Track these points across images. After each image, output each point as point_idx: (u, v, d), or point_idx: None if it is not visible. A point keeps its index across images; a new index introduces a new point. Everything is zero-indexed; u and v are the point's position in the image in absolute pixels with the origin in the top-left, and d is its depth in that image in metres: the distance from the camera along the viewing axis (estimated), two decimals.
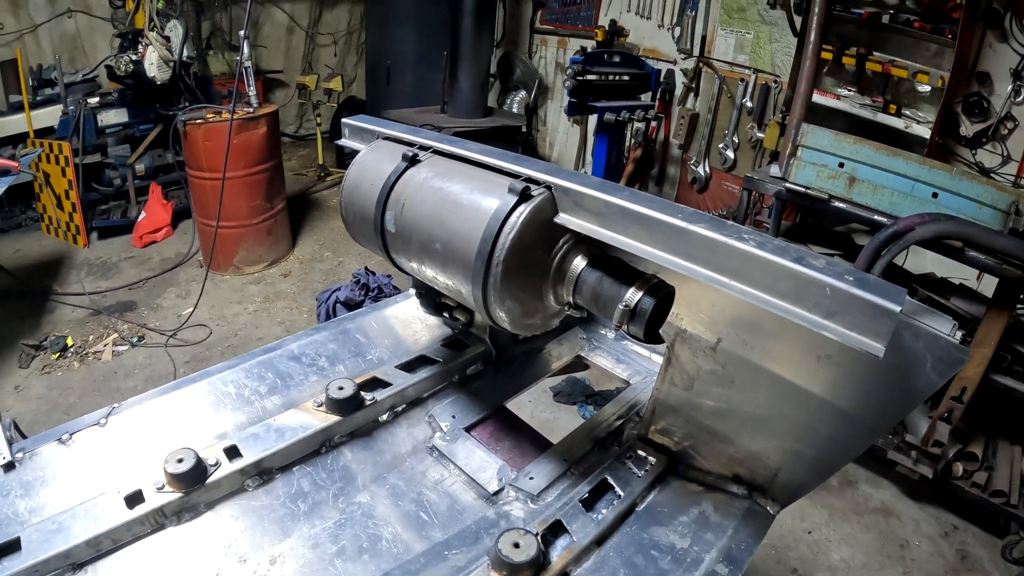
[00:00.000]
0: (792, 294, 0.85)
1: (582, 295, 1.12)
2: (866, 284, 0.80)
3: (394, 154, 1.43)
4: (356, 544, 1.24)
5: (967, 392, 3.08)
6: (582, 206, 1.08)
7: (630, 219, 1.01)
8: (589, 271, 1.11)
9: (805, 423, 1.15)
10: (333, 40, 8.50)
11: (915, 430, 3.37)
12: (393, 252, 1.38)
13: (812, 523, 3.39)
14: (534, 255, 1.12)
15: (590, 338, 1.95)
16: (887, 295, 0.78)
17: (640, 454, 1.40)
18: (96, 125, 5.63)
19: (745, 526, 1.27)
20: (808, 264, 0.84)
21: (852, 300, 0.80)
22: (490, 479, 1.39)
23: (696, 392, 1.27)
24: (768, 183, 3.33)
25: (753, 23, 4.97)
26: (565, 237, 1.15)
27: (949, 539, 3.33)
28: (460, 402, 1.62)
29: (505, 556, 1.07)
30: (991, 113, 3.63)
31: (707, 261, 0.94)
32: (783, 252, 0.86)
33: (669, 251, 0.97)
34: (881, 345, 0.78)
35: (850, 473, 3.73)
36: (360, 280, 4.27)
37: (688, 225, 0.94)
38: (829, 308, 0.82)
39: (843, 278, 0.80)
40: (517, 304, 1.14)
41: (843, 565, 3.17)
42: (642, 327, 1.00)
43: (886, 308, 0.77)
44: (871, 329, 0.79)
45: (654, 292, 1.02)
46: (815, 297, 0.83)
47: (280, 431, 1.37)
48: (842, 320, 0.82)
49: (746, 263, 0.89)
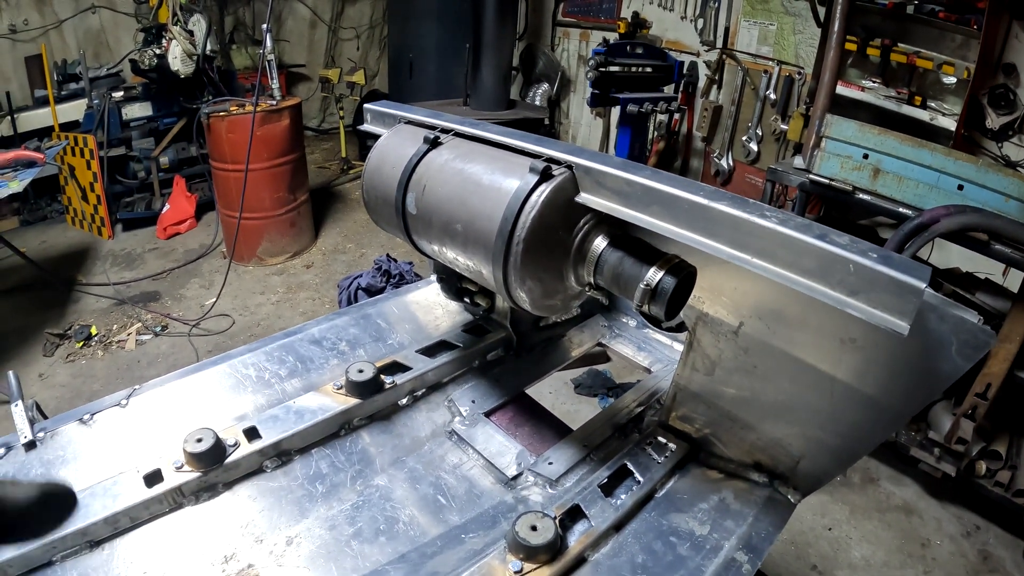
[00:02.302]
0: (815, 271, 0.84)
1: (603, 275, 1.12)
2: (890, 261, 0.78)
3: (415, 137, 1.43)
4: (373, 526, 1.24)
5: (992, 389, 3.02)
6: (603, 185, 1.07)
7: (652, 198, 1.00)
8: (610, 251, 1.10)
9: (828, 409, 1.14)
10: (356, 34, 8.53)
11: (938, 427, 3.32)
12: (414, 234, 1.38)
13: (833, 520, 3.35)
14: (555, 235, 1.11)
15: (611, 326, 1.94)
16: (912, 272, 0.76)
17: (660, 440, 1.39)
18: (121, 119, 5.71)
19: (766, 514, 1.25)
20: (832, 241, 0.82)
21: (876, 277, 0.78)
22: (509, 464, 1.39)
23: (718, 378, 1.26)
24: (792, 175, 3.29)
25: (777, 14, 4.91)
26: (586, 217, 1.14)
27: (971, 539, 3.28)
28: (480, 387, 1.62)
29: (522, 539, 1.07)
30: (1017, 105, 3.55)
31: (729, 239, 0.92)
32: (806, 229, 0.84)
33: (691, 229, 0.96)
34: (906, 323, 0.76)
35: (872, 470, 3.69)
36: (382, 267, 4.29)
37: (710, 203, 0.93)
38: (853, 286, 0.80)
39: (867, 255, 0.79)
40: (538, 284, 1.13)
41: (863, 563, 3.13)
42: (663, 307, 0.99)
43: (911, 285, 0.75)
44: (895, 307, 0.78)
45: (676, 272, 1.01)
46: (839, 274, 0.81)
47: (299, 413, 1.38)
48: (866, 298, 0.80)
49: (769, 240, 0.88)
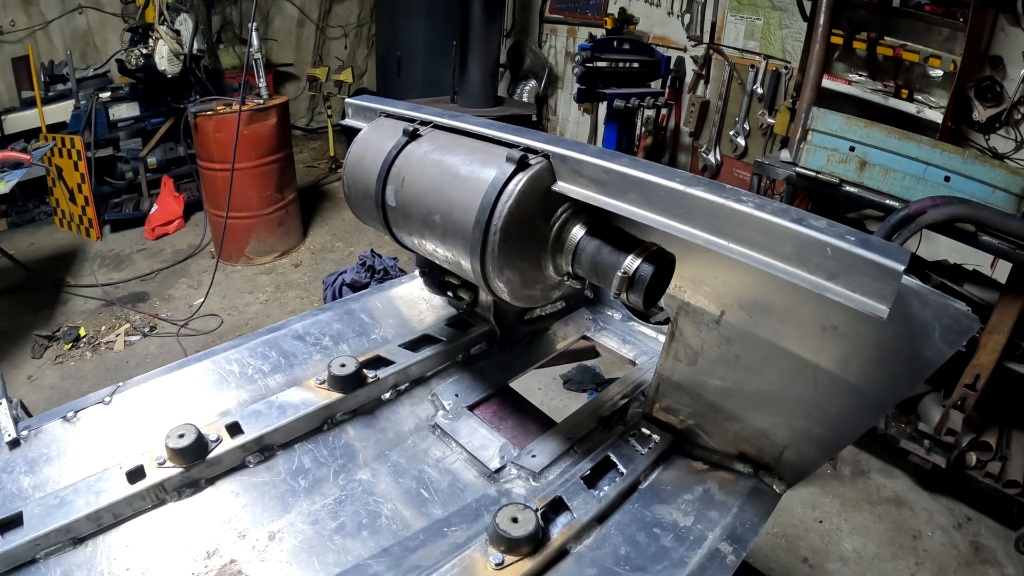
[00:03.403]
0: (793, 256, 0.83)
1: (581, 264, 1.11)
2: (869, 244, 0.77)
3: (395, 130, 1.41)
4: (356, 520, 1.23)
5: (980, 380, 3.03)
6: (580, 173, 1.06)
7: (629, 185, 0.99)
8: (588, 239, 1.09)
9: (812, 398, 1.13)
10: (344, 33, 8.49)
11: (928, 419, 3.33)
12: (394, 227, 1.36)
13: (823, 512, 3.36)
14: (532, 224, 1.10)
15: (596, 319, 1.93)
16: (890, 255, 0.75)
17: (644, 432, 1.39)
18: (108, 119, 5.66)
19: (751, 505, 1.24)
20: (809, 225, 0.81)
21: (854, 260, 0.77)
22: (492, 457, 1.38)
23: (700, 368, 1.25)
24: (779, 168, 3.29)
25: (763, 9, 4.92)
26: (564, 206, 1.13)
27: (962, 530, 3.29)
28: (464, 381, 1.61)
29: (503, 531, 1.06)
30: (1004, 98, 3.57)
31: (706, 224, 0.92)
32: (783, 213, 0.83)
33: (668, 216, 0.95)
34: (885, 307, 0.76)
35: (863, 463, 3.69)
36: (366, 262, 4.28)
37: (686, 188, 0.92)
38: (831, 269, 0.80)
39: (845, 238, 0.78)
40: (516, 274, 1.12)
41: (854, 555, 3.14)
42: (641, 294, 0.98)
43: (889, 267, 0.74)
44: (874, 290, 0.77)
45: (654, 259, 1.00)
46: (817, 258, 0.81)
47: (282, 408, 1.36)
48: (844, 281, 0.79)
49: (746, 225, 0.87)
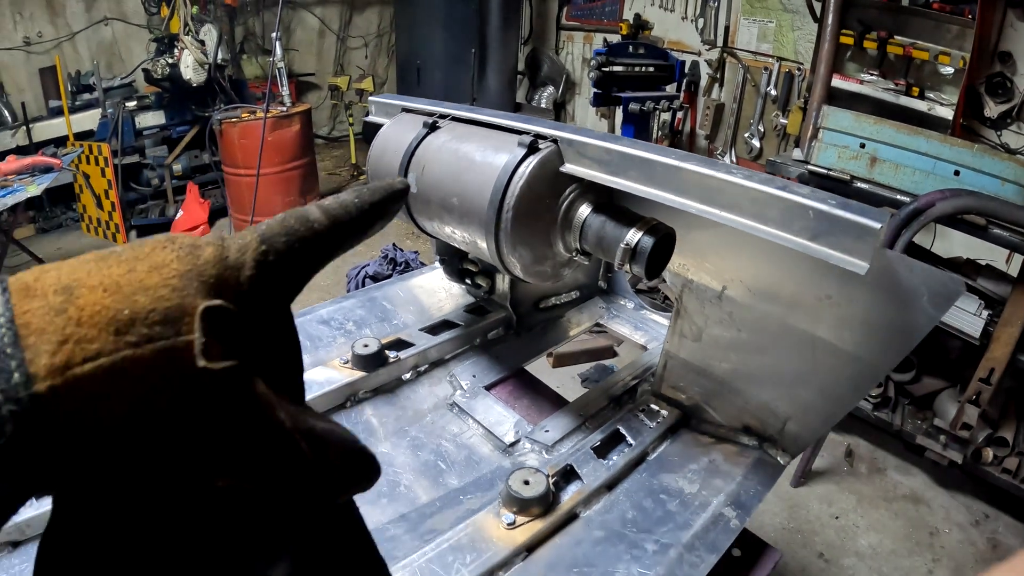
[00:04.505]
0: (778, 220, 0.90)
1: (587, 240, 1.18)
2: (848, 207, 0.84)
3: (415, 124, 1.49)
4: (375, 490, 1.30)
5: (995, 374, 3.03)
6: (585, 155, 1.14)
7: (629, 163, 1.07)
8: (594, 216, 1.17)
9: (811, 368, 1.19)
10: (364, 42, 8.65)
11: (944, 415, 3.33)
12: (415, 213, 1.44)
13: (840, 509, 3.37)
14: (542, 203, 1.18)
15: (609, 307, 1.99)
16: (868, 215, 0.81)
17: (653, 408, 1.45)
18: (134, 127, 5.84)
19: (754, 474, 1.30)
20: (793, 191, 0.88)
21: (835, 220, 0.84)
22: (507, 432, 1.44)
23: (705, 343, 1.31)
24: (791, 167, 3.33)
25: (775, 11, 4.97)
26: (571, 187, 1.20)
27: (980, 527, 3.28)
28: (481, 363, 1.68)
29: (515, 492, 1.12)
30: (1015, 93, 3.59)
31: (699, 195, 0.99)
32: (769, 182, 0.90)
33: (665, 189, 1.02)
34: (865, 263, 0.81)
35: (879, 460, 3.70)
36: (388, 255, 4.42)
37: (681, 163, 1.00)
38: (814, 230, 0.86)
39: (826, 201, 0.85)
40: (527, 250, 1.20)
41: (870, 551, 3.14)
42: (643, 265, 1.05)
43: (867, 226, 0.80)
44: (854, 248, 0.83)
45: (654, 232, 1.07)
46: (800, 221, 0.87)
47: (307, 385, 1.43)
48: (826, 241, 0.86)
49: (735, 194, 0.94)
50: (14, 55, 5.91)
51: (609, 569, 1.05)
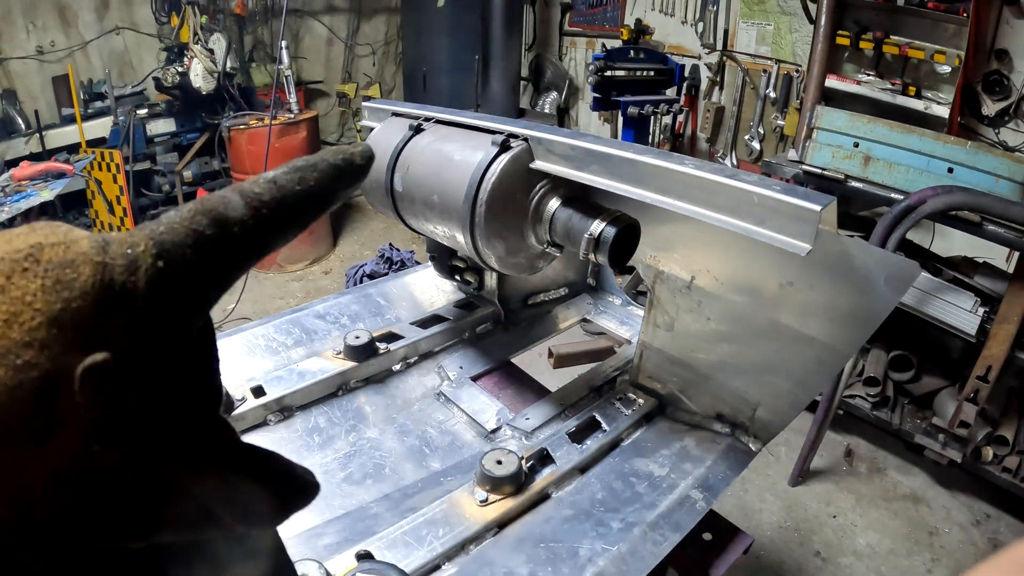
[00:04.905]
0: (727, 207, 0.95)
1: (556, 232, 1.24)
2: (793, 192, 0.89)
3: (403, 127, 1.56)
4: (362, 471, 1.36)
5: (992, 371, 3.04)
6: (553, 152, 1.21)
7: (592, 158, 1.14)
8: (562, 210, 1.23)
9: (777, 354, 1.23)
10: (371, 50, 8.75)
11: (943, 414, 3.34)
12: (401, 210, 1.51)
13: (838, 508, 3.37)
14: (513, 198, 1.24)
15: (596, 303, 2.05)
16: (810, 198, 0.87)
17: (630, 396, 1.50)
18: (145, 134, 5.97)
19: (724, 459, 1.34)
20: (740, 179, 0.93)
21: (778, 205, 0.89)
22: (489, 419, 1.50)
23: (677, 332, 1.36)
24: (786, 167, 3.37)
25: (773, 14, 5.01)
26: (542, 183, 1.27)
27: (981, 527, 3.28)
28: (469, 355, 1.74)
29: (488, 471, 1.18)
30: (1012, 91, 3.60)
31: (656, 186, 1.05)
32: (719, 171, 0.96)
33: (625, 181, 1.08)
34: (807, 244, 0.87)
35: (880, 460, 3.70)
36: (384, 255, 4.60)
37: (638, 156, 1.06)
38: (759, 215, 0.91)
39: (771, 187, 0.90)
40: (501, 242, 1.26)
41: (868, 550, 3.15)
42: (606, 254, 1.11)
43: (807, 208, 0.86)
44: (797, 231, 0.88)
45: (616, 223, 1.12)
46: (747, 207, 0.92)
47: (301, 374, 1.51)
48: (771, 225, 0.91)
49: (687, 184, 1.00)
50: (27, 64, 6.05)
51: (574, 545, 1.10)
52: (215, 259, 0.31)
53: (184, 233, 0.30)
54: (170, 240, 0.30)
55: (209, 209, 0.31)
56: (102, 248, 0.29)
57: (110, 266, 0.28)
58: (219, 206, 0.31)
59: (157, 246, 0.29)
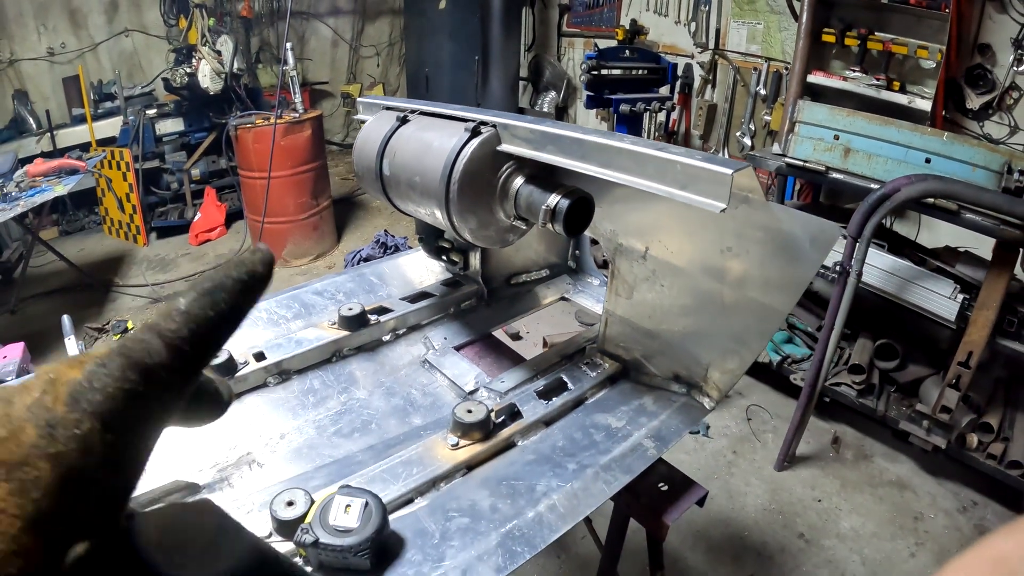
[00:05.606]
0: (655, 175, 1.08)
1: (520, 206, 1.38)
2: (712, 159, 1.02)
3: (391, 118, 1.71)
4: (350, 427, 1.51)
5: (973, 357, 3.07)
6: (516, 135, 1.35)
7: (547, 140, 1.28)
8: (525, 186, 1.37)
9: (723, 315, 1.36)
10: (376, 52, 8.92)
11: (928, 400, 3.38)
12: (390, 192, 1.65)
13: (823, 492, 3.42)
14: (482, 177, 1.39)
15: (576, 284, 2.18)
16: (725, 164, 1.00)
17: (596, 361, 1.63)
18: (154, 134, 6.18)
19: (678, 414, 1.47)
20: (667, 151, 1.07)
21: (696, 171, 1.02)
22: (468, 382, 1.64)
23: (636, 300, 1.50)
24: (769, 160, 3.48)
25: (763, 13, 5.13)
26: (508, 163, 1.41)
27: (967, 514, 3.32)
28: (453, 328, 1.88)
29: (459, 418, 1.32)
30: (995, 84, 3.68)
31: (599, 161, 1.19)
32: (650, 146, 1.10)
33: (574, 159, 1.23)
34: (721, 203, 1.00)
35: (866, 447, 3.74)
36: (380, 240, 4.96)
37: (584, 136, 1.21)
38: (682, 181, 1.04)
39: (692, 156, 1.03)
40: (473, 217, 1.40)
41: (852, 533, 3.20)
42: (561, 222, 1.25)
43: (721, 172, 0.99)
44: (712, 192, 1.01)
45: (570, 195, 1.27)
46: (671, 174, 1.06)
47: (299, 341, 1.65)
48: (693, 188, 1.04)
49: (624, 157, 1.14)
50: (38, 65, 6.26)
51: (533, 483, 1.23)
52: (152, 407, 0.33)
53: (121, 398, 0.31)
54: (110, 409, 0.31)
55: (136, 363, 0.32)
56: (50, 436, 0.29)
57: (64, 454, 0.29)
58: (144, 357, 0.32)
59: (100, 420, 0.30)
